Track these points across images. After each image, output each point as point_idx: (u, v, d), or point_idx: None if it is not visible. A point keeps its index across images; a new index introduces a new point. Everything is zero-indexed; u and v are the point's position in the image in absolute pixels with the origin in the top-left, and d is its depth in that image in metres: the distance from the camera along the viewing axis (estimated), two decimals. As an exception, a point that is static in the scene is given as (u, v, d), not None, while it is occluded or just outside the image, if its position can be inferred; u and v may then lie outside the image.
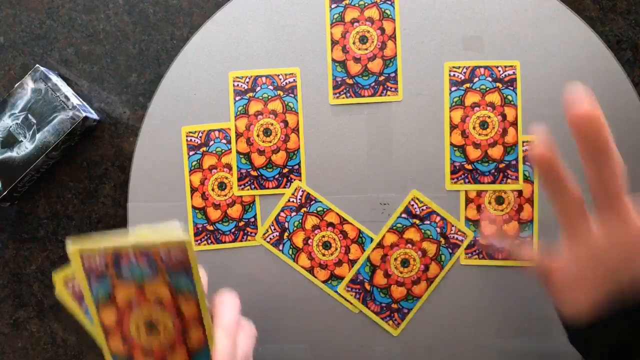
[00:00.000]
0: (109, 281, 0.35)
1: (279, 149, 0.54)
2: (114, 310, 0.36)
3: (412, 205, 0.54)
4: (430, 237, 0.53)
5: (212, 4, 0.56)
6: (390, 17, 0.54)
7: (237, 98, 0.55)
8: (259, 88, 0.54)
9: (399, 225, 0.54)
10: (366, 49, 0.54)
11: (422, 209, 0.54)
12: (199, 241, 0.55)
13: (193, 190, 0.55)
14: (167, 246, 0.34)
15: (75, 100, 0.54)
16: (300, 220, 0.54)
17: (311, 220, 0.54)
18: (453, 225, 0.53)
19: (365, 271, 0.54)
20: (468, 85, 0.53)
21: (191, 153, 0.55)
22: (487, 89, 0.53)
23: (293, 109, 0.54)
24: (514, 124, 0.53)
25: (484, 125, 0.53)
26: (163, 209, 0.55)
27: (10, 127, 0.53)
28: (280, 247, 0.54)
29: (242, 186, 0.55)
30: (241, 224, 0.55)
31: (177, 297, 0.36)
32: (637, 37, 0.55)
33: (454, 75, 0.54)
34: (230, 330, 0.37)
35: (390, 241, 0.54)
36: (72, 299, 0.37)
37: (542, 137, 0.36)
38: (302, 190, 0.54)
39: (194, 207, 0.55)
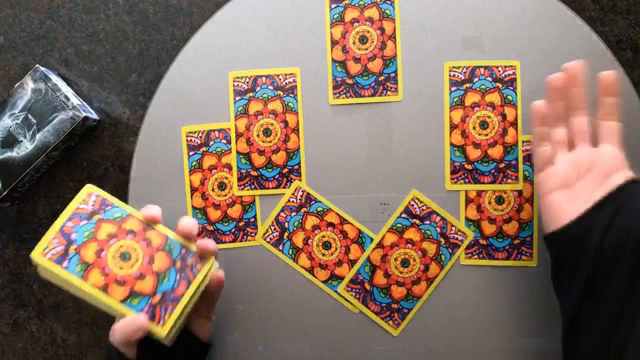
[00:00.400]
0: (94, 221, 0.44)
1: (279, 149, 0.54)
2: (95, 244, 0.43)
3: (412, 205, 0.54)
4: (430, 237, 0.53)
5: (212, 4, 0.56)
6: (390, 17, 0.54)
7: (237, 98, 0.55)
8: (259, 88, 0.54)
9: (399, 225, 0.54)
10: (366, 49, 0.54)
11: (422, 209, 0.54)
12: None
13: (193, 190, 0.55)
14: (78, 200, 0.45)
15: (75, 100, 0.54)
16: (300, 220, 0.54)
17: (311, 220, 0.54)
18: (453, 225, 0.53)
19: (365, 271, 0.54)
20: (468, 85, 0.53)
21: (191, 153, 0.55)
22: (487, 89, 0.53)
23: (293, 109, 0.54)
24: (514, 124, 0.53)
25: (484, 125, 0.53)
26: (163, 209, 0.55)
27: (10, 127, 0.53)
28: (280, 247, 0.54)
29: (242, 186, 0.55)
30: (241, 224, 0.55)
31: (146, 230, 0.45)
32: (637, 37, 0.55)
33: (454, 75, 0.54)
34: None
35: (390, 241, 0.54)
36: (53, 263, 0.42)
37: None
38: (302, 190, 0.54)
39: (194, 207, 0.55)
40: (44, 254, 0.42)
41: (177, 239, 0.46)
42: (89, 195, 0.45)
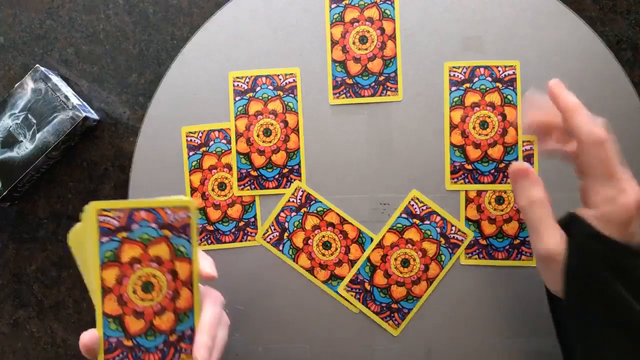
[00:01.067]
0: (118, 240, 0.39)
1: (279, 149, 0.54)
2: (117, 269, 0.39)
3: (412, 205, 0.54)
4: (430, 237, 0.53)
5: (212, 4, 0.56)
6: (390, 17, 0.54)
7: (237, 98, 0.55)
8: (259, 88, 0.54)
9: (399, 225, 0.54)
10: (366, 49, 0.54)
11: (422, 209, 0.54)
12: (199, 241, 0.55)
13: (193, 190, 0.55)
14: (173, 205, 0.39)
15: (75, 100, 0.54)
16: (300, 220, 0.54)
17: (311, 220, 0.54)
18: (453, 225, 0.53)
19: (365, 271, 0.54)
20: (468, 85, 0.53)
21: (191, 153, 0.55)
22: (487, 89, 0.53)
23: (293, 109, 0.54)
24: (514, 124, 0.53)
25: (484, 125, 0.53)
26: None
27: (10, 127, 0.53)
28: (280, 247, 0.54)
29: (242, 186, 0.55)
30: (241, 224, 0.55)
31: (174, 259, 0.40)
32: (637, 37, 0.55)
33: (454, 75, 0.54)
34: (212, 325, 0.40)
35: (390, 241, 0.54)
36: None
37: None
38: (302, 191, 0.54)
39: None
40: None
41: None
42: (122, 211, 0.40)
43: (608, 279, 0.37)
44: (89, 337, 0.38)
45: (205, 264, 0.41)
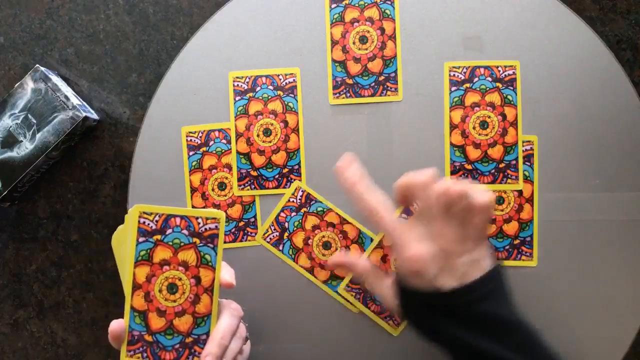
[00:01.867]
0: (153, 242, 0.42)
1: (279, 149, 0.54)
2: (148, 268, 0.43)
3: (412, 205, 0.54)
4: (430, 237, 0.53)
5: (212, 4, 0.56)
6: (390, 17, 0.54)
7: (237, 98, 0.55)
8: (259, 88, 0.54)
9: (399, 225, 0.54)
10: (366, 49, 0.54)
11: (422, 209, 0.54)
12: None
13: (193, 190, 0.55)
14: (206, 215, 0.43)
15: (75, 100, 0.54)
16: (300, 220, 0.54)
17: (311, 220, 0.54)
18: (453, 225, 0.53)
19: (365, 271, 0.54)
20: (468, 85, 0.53)
21: (191, 153, 0.55)
22: (487, 89, 0.53)
23: (293, 109, 0.54)
24: (514, 124, 0.53)
25: (484, 125, 0.53)
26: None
27: (10, 127, 0.53)
28: (280, 247, 0.54)
29: (242, 186, 0.55)
30: (241, 224, 0.55)
31: (200, 266, 0.43)
32: (637, 37, 0.55)
33: (454, 75, 0.54)
34: (224, 335, 0.42)
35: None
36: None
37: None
38: (302, 190, 0.54)
39: (194, 207, 0.55)
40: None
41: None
42: (155, 215, 0.43)
43: (429, 322, 0.41)
44: (117, 325, 0.42)
45: (226, 273, 0.44)
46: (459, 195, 0.40)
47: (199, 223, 0.43)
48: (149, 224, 0.43)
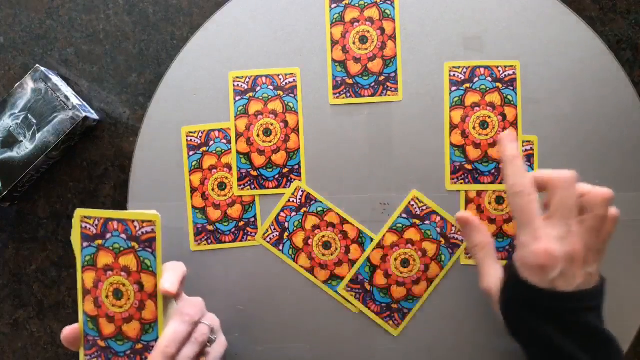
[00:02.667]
0: (95, 247, 0.42)
1: (279, 149, 0.54)
2: (94, 273, 0.42)
3: (412, 205, 0.54)
4: (430, 237, 0.53)
5: (212, 4, 0.56)
6: (390, 17, 0.54)
7: (237, 98, 0.55)
8: (259, 88, 0.54)
9: (399, 225, 0.54)
10: (366, 49, 0.54)
11: (422, 209, 0.54)
12: (199, 241, 0.55)
13: (193, 190, 0.55)
14: (141, 218, 0.42)
15: (75, 100, 0.54)
16: (300, 220, 0.54)
17: (311, 220, 0.54)
18: (453, 226, 0.53)
19: (365, 271, 0.54)
20: (468, 85, 0.53)
21: (191, 153, 0.55)
22: (487, 89, 0.53)
23: (293, 109, 0.54)
24: (514, 124, 0.53)
25: (484, 125, 0.53)
26: (163, 209, 0.55)
27: (10, 127, 0.53)
28: (280, 247, 0.54)
29: (242, 186, 0.55)
30: (241, 224, 0.55)
31: (141, 272, 0.42)
32: (637, 37, 0.55)
33: (454, 75, 0.54)
34: (169, 343, 0.41)
35: (390, 241, 0.54)
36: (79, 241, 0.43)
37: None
38: (302, 190, 0.54)
39: (194, 207, 0.55)
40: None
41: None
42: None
43: (527, 318, 0.41)
44: (70, 330, 0.43)
45: (167, 280, 0.42)
46: (604, 201, 0.40)
47: (135, 227, 0.42)
48: (90, 229, 0.42)
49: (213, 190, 0.55)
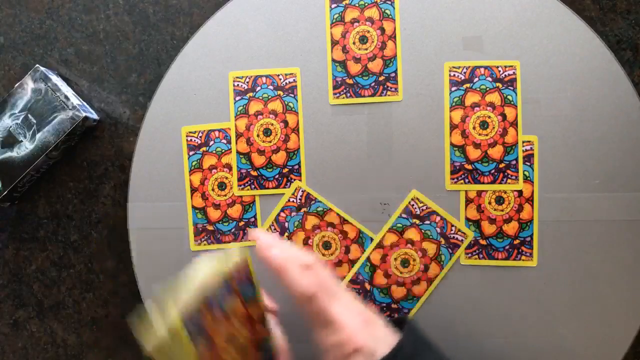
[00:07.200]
0: (203, 322, 0.35)
1: (279, 149, 0.54)
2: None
3: (412, 205, 0.54)
4: (430, 237, 0.53)
5: (212, 4, 0.56)
6: (390, 17, 0.54)
7: (237, 98, 0.55)
8: (259, 88, 0.54)
9: (399, 225, 0.54)
10: (366, 49, 0.54)
11: (422, 209, 0.54)
12: (199, 241, 0.55)
13: (193, 190, 0.55)
14: (236, 266, 0.38)
15: (75, 100, 0.54)
16: (300, 220, 0.54)
17: (311, 220, 0.54)
18: (453, 225, 0.53)
19: (365, 271, 0.54)
20: (468, 85, 0.53)
21: (191, 153, 0.55)
22: (487, 89, 0.53)
23: (293, 109, 0.54)
24: (514, 124, 0.53)
25: (484, 125, 0.53)
26: (163, 209, 0.55)
27: (10, 127, 0.53)
28: (280, 247, 0.54)
29: (242, 186, 0.55)
30: (241, 224, 0.55)
31: (246, 305, 0.39)
32: (637, 37, 0.55)
33: (454, 75, 0.54)
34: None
35: (390, 241, 0.54)
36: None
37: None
38: (302, 190, 0.54)
39: (194, 207, 0.55)
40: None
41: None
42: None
43: None
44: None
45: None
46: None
47: (233, 277, 0.39)
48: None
49: (213, 190, 0.55)
